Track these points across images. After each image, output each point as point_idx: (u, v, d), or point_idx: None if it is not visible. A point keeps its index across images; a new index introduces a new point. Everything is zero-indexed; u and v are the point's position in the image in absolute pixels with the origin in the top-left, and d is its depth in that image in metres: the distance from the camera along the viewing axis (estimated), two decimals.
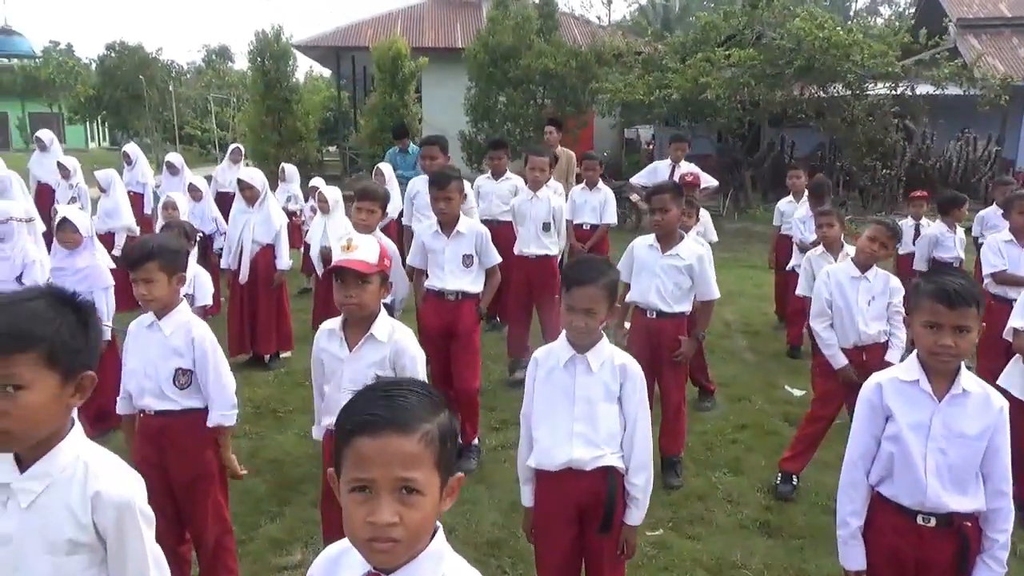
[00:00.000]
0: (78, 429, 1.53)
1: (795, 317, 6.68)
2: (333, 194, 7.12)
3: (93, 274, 4.85)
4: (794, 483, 4.21)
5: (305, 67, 31.41)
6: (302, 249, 8.30)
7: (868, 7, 46.11)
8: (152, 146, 25.01)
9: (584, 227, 6.85)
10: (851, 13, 40.26)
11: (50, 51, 38.63)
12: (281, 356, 6.40)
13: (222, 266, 6.46)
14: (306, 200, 9.76)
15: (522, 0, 16.46)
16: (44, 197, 9.85)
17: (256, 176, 6.18)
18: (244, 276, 6.10)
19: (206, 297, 4.70)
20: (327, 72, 28.22)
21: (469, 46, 15.99)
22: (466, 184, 5.22)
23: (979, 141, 15.37)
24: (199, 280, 4.70)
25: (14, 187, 7.46)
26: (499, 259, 4.60)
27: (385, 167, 8.60)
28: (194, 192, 7.93)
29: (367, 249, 2.60)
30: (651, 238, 4.35)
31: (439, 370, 4.45)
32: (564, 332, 2.53)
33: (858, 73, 13.34)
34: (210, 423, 2.92)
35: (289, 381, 5.97)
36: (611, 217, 6.92)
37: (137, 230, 8.57)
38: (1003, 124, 16.22)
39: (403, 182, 8.46)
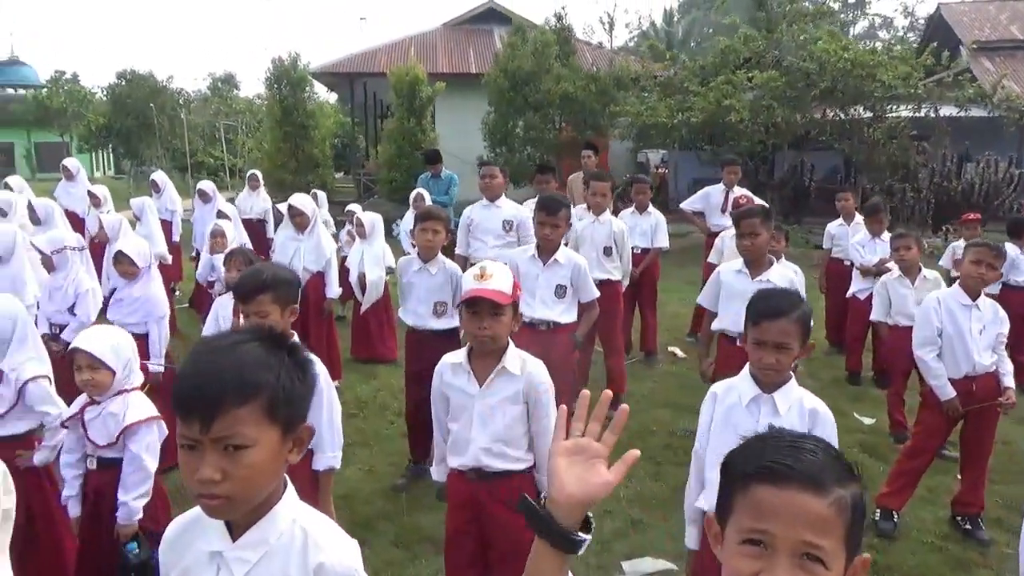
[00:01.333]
0: (291, 490, 1.35)
1: (855, 344, 6.54)
2: (371, 219, 7.03)
3: (149, 304, 4.70)
4: (895, 520, 4.02)
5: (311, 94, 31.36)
6: None
7: (866, 32, 46.58)
8: (169, 173, 24.95)
9: (635, 251, 6.71)
10: (850, 37, 40.69)
11: (56, 80, 38.74)
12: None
13: None
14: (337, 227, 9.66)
15: (539, 26, 16.50)
16: (71, 225, 9.73)
17: (307, 203, 6.04)
18: None
19: None
20: (332, 98, 28.32)
21: (489, 71, 15.98)
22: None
23: (1000, 163, 15.34)
24: None
25: (56, 215, 7.31)
26: (596, 293, 4.43)
27: (422, 192, 8.48)
28: (223, 218, 7.79)
29: (502, 278, 2.44)
30: (738, 263, 4.20)
31: None
32: (748, 368, 2.37)
33: (881, 95, 13.32)
34: (319, 466, 2.74)
35: (343, 412, 5.76)
36: (662, 241, 6.79)
37: (169, 258, 8.45)
38: (1020, 146, 16.22)
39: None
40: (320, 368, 2.72)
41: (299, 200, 6.03)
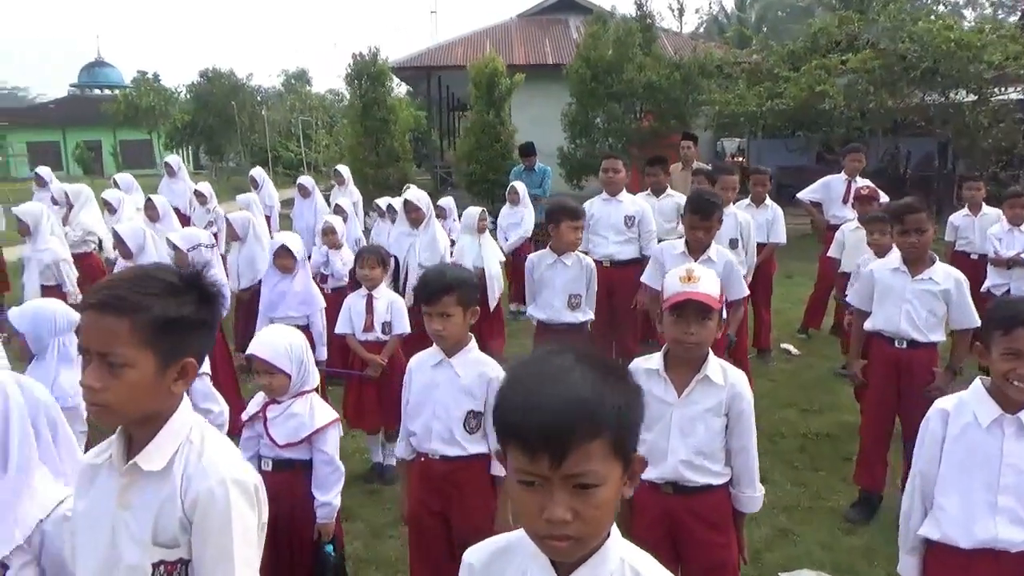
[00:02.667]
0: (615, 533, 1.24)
1: None
2: (472, 214, 6.98)
3: (308, 296, 4.76)
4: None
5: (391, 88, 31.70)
6: None
7: (951, 11, 44.41)
8: (241, 168, 25.61)
9: None
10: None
11: (139, 80, 40.18)
12: None
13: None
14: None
15: (621, 15, 16.22)
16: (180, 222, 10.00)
17: (423, 198, 6.01)
18: (410, 300, 5.92)
19: (404, 325, 4.50)
20: (402, 92, 28.52)
21: (571, 61, 15.78)
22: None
23: None
24: (395, 307, 4.51)
25: (170, 212, 7.50)
26: (746, 291, 4.28)
27: (520, 185, 8.40)
28: (339, 213, 7.87)
29: (710, 281, 2.31)
30: (895, 260, 3.96)
31: None
32: (979, 383, 2.18)
33: (987, 76, 12.59)
34: (499, 472, 2.67)
35: None
36: (779, 235, 6.54)
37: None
38: None
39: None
40: (499, 371, 2.66)
41: (414, 195, 6.00)
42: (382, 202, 8.66)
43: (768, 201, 6.59)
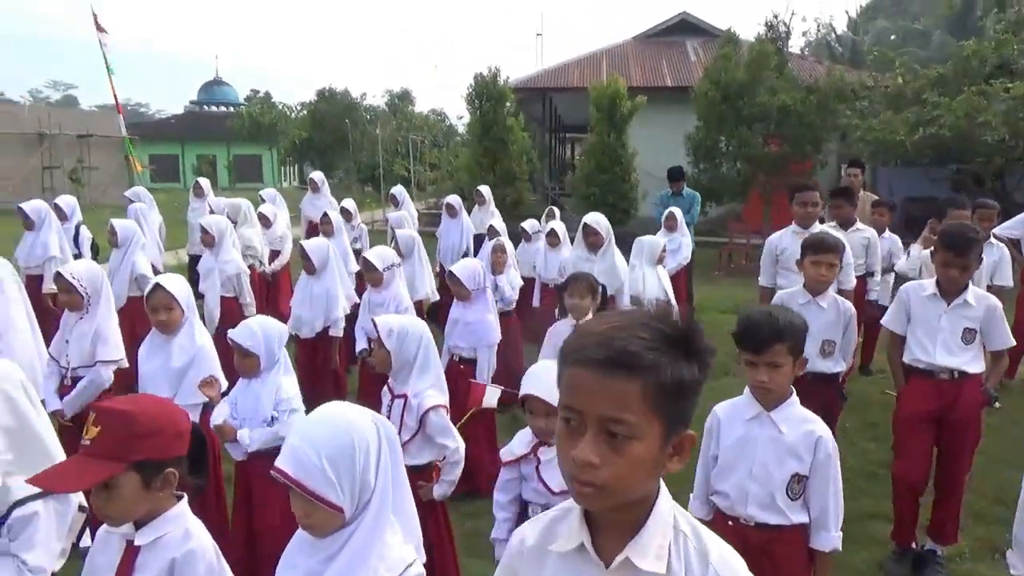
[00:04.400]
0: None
1: None
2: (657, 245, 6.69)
3: (483, 329, 4.54)
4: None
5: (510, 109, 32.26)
6: None
7: None
8: (350, 186, 26.23)
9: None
10: None
11: (251, 99, 42.01)
12: None
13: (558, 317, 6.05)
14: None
15: (756, 34, 15.74)
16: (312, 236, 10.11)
17: (601, 221, 5.76)
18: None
19: None
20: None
21: (697, 83, 15.39)
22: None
23: None
24: None
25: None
26: (1011, 341, 3.73)
27: (677, 211, 8.06)
28: (491, 233, 7.73)
29: None
30: None
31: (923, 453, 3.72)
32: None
33: None
34: (820, 545, 2.32)
35: None
36: (1006, 278, 5.86)
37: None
38: None
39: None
40: (827, 430, 2.34)
41: (593, 219, 5.76)
42: (528, 225, 8.51)
43: (887, 233, 6.26)
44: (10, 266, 4.41)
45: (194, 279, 9.15)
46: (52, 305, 6.72)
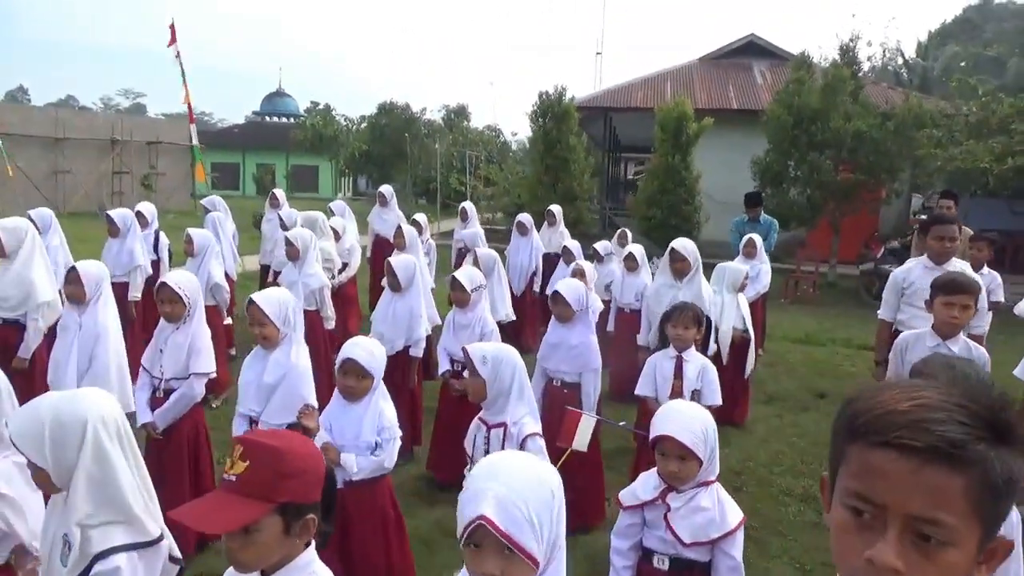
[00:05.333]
0: None
1: None
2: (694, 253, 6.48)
3: (587, 352, 4.39)
4: None
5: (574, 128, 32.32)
6: None
7: None
8: (406, 198, 26.40)
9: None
10: None
11: (311, 111, 42.78)
12: None
13: (640, 342, 5.87)
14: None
15: (832, 59, 15.40)
16: (380, 250, 10.10)
17: (689, 246, 5.56)
18: None
19: (716, 395, 4.03)
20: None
21: (768, 106, 15.10)
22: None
23: None
24: (708, 375, 4.05)
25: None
26: None
27: (757, 238, 7.80)
28: (567, 256, 7.61)
29: None
30: None
31: None
32: None
33: None
34: None
35: None
36: None
37: None
38: None
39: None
40: None
41: (681, 244, 5.57)
42: (600, 246, 8.36)
43: (985, 269, 5.92)
44: (107, 273, 4.44)
45: (263, 288, 9.30)
46: (134, 313, 6.82)
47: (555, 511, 1.47)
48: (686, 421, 2.44)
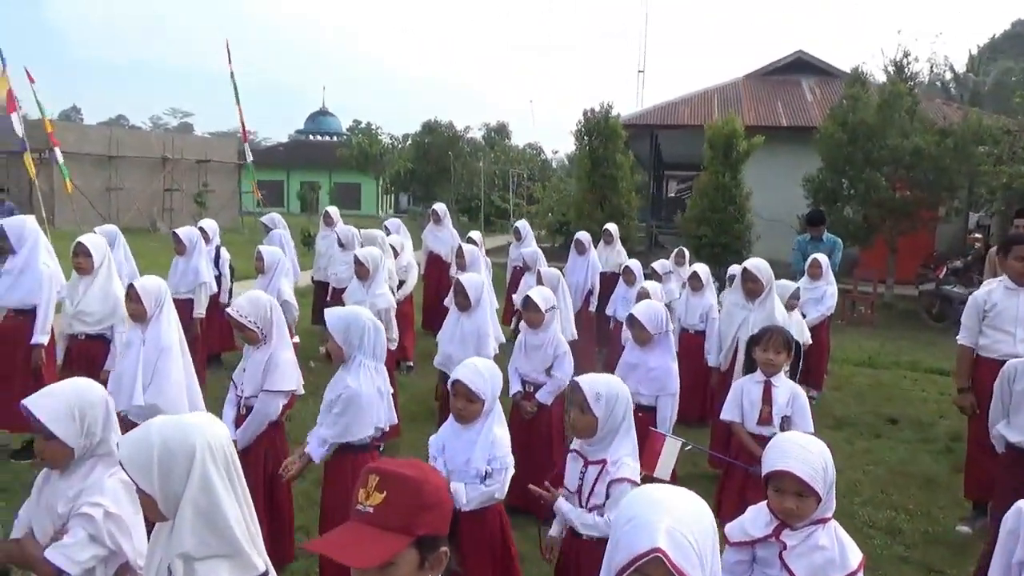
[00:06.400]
0: None
1: None
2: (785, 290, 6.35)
3: (665, 376, 4.29)
4: None
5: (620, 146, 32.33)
6: None
7: None
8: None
9: None
10: None
11: (353, 129, 43.43)
12: None
13: (711, 364, 5.74)
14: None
15: (888, 74, 15.10)
16: (435, 268, 10.11)
17: (762, 267, 5.40)
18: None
19: (807, 422, 3.88)
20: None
21: (823, 123, 14.85)
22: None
23: None
24: (799, 402, 3.91)
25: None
26: None
27: (823, 258, 7.62)
28: (627, 276, 7.51)
29: None
30: None
31: None
32: None
33: None
34: None
35: None
36: None
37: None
38: None
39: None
40: None
41: (754, 264, 5.41)
42: (659, 266, 8.24)
43: None
44: (166, 288, 4.47)
45: (319, 305, 9.35)
46: (200, 330, 6.89)
47: (714, 544, 1.48)
48: (805, 455, 2.32)
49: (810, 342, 6.84)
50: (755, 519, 2.50)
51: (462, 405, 3.02)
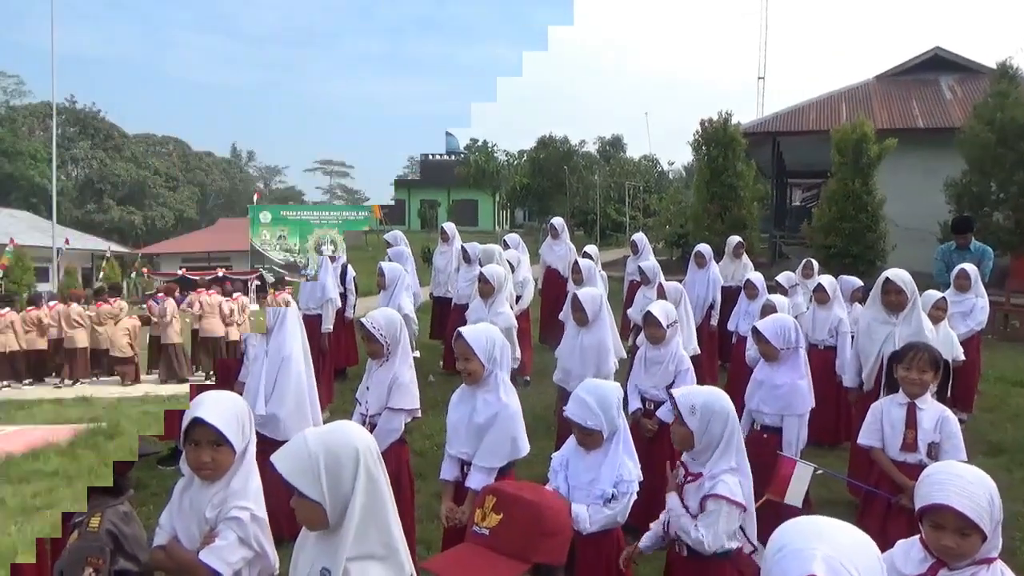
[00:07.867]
0: None
1: None
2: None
3: (791, 394, 4.06)
4: None
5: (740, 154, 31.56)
6: None
7: None
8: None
9: None
10: None
11: (471, 147, 44.35)
12: None
13: (847, 384, 5.39)
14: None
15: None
16: (552, 282, 10.10)
17: (907, 278, 5.01)
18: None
19: (959, 450, 3.54)
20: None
21: (966, 123, 13.80)
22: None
23: None
24: (948, 426, 3.57)
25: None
26: None
27: (971, 269, 7.02)
28: (749, 289, 7.22)
29: None
30: None
31: None
32: None
33: None
34: None
35: None
36: None
37: None
38: None
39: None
40: None
41: (897, 275, 4.97)
42: (783, 279, 7.86)
43: None
44: (295, 306, 4.67)
45: (437, 320, 9.56)
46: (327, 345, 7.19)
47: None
48: (969, 489, 2.09)
49: (963, 358, 6.29)
50: (907, 555, 2.28)
51: (578, 432, 2.97)
